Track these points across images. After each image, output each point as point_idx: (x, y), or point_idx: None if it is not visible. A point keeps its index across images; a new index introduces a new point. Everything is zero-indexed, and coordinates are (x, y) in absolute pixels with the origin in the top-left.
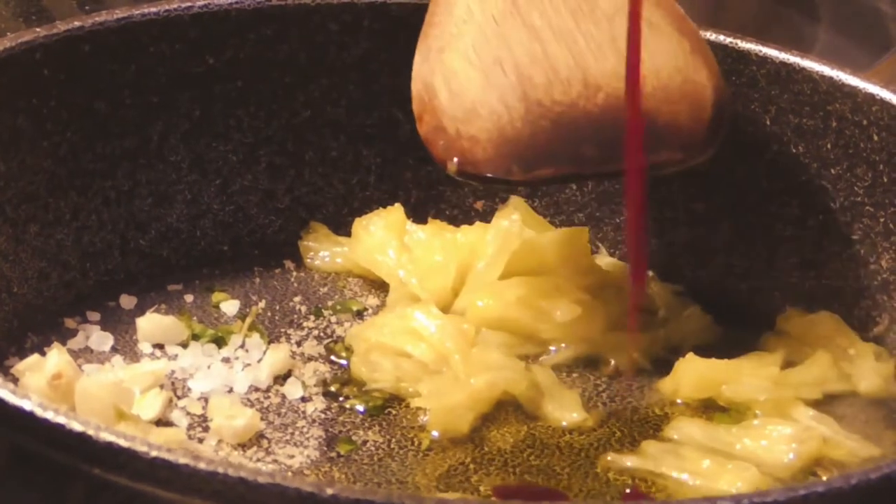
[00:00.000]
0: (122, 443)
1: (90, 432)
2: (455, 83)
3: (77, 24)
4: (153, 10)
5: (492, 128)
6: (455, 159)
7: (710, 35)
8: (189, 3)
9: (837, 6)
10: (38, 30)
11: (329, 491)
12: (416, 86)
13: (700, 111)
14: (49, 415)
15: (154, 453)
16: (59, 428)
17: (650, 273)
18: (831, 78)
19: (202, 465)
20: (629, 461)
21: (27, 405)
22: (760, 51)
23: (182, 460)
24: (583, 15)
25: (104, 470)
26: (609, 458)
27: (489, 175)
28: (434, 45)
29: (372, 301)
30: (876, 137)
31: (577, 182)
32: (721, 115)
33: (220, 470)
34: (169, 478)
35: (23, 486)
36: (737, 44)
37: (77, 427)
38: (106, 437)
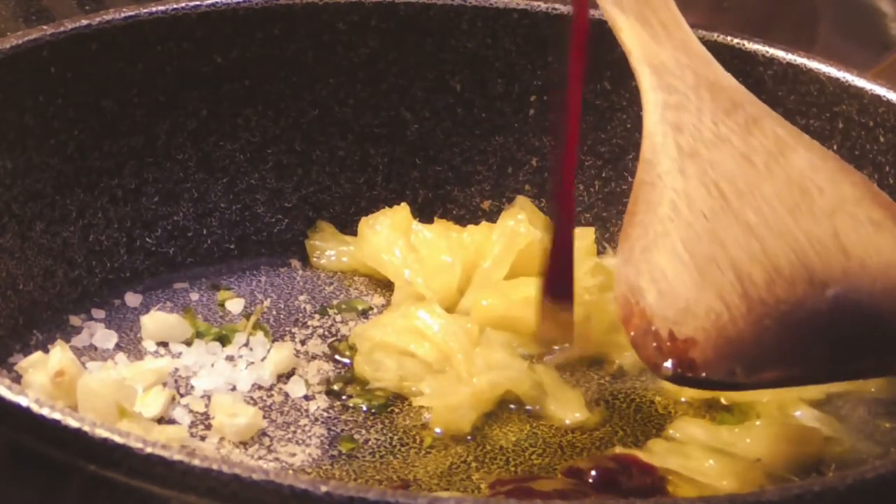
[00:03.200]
0: (118, 439)
1: (86, 429)
2: (664, 283)
3: (84, 22)
4: (160, 8)
5: (710, 328)
6: (670, 363)
7: (716, 35)
8: (197, 2)
9: (837, 6)
10: (45, 28)
11: (323, 488)
12: (620, 288)
13: None
14: (45, 411)
15: (149, 450)
16: (56, 424)
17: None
18: (838, 79)
19: (197, 462)
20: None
21: (24, 401)
22: (767, 51)
23: (177, 457)
24: (801, 213)
25: (100, 466)
26: (617, 451)
27: (709, 378)
28: (637, 245)
29: (377, 300)
30: (882, 139)
31: (805, 384)
32: None
33: (215, 467)
34: (164, 475)
35: (20, 482)
36: (743, 44)
37: (73, 423)
38: (102, 433)
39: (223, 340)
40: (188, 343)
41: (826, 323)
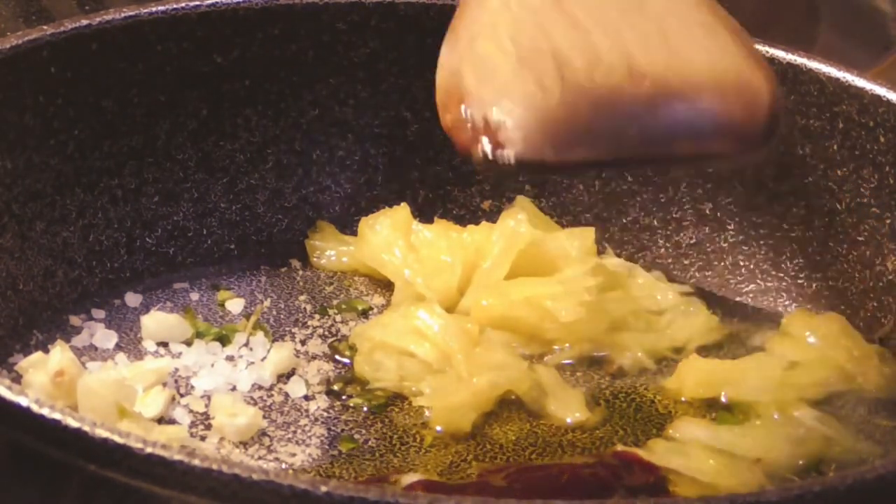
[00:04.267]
0: (118, 439)
1: (86, 429)
2: (484, 69)
3: (84, 22)
4: (160, 8)
5: (524, 111)
6: (481, 146)
7: None
8: (197, 2)
9: (837, 6)
10: (45, 28)
11: (323, 488)
12: (442, 75)
13: (755, 109)
14: (45, 411)
15: (149, 450)
16: (56, 424)
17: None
18: (838, 79)
19: (196, 462)
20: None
21: (24, 401)
22: (767, 51)
23: (177, 457)
24: (630, 13)
25: (100, 466)
26: (618, 449)
27: (518, 159)
28: (464, 35)
29: (377, 300)
30: (882, 139)
31: (614, 171)
32: (776, 118)
33: (215, 467)
34: (164, 475)
35: (19, 482)
36: None
37: (73, 423)
38: (101, 433)
39: (223, 340)
40: (188, 343)
41: (642, 109)
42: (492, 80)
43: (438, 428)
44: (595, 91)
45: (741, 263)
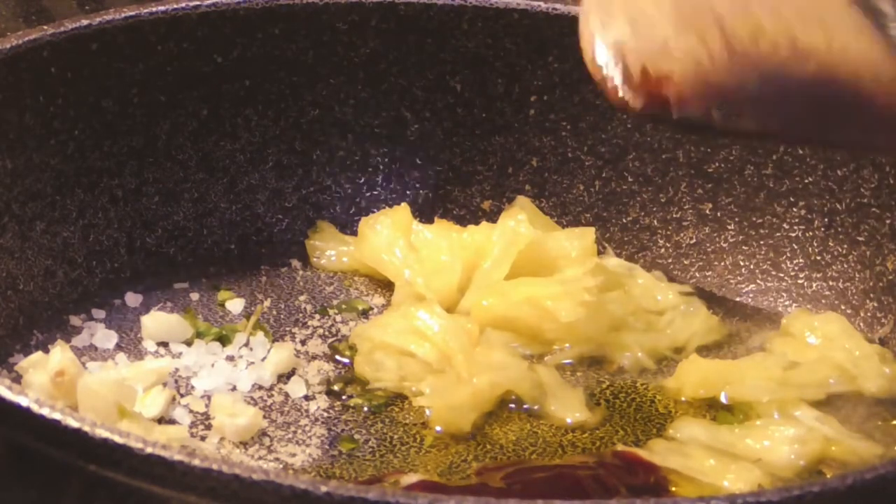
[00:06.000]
0: (118, 439)
1: (86, 429)
2: (643, 20)
3: (84, 22)
4: (161, 8)
5: (689, 68)
6: (640, 99)
7: None
8: (197, 2)
9: None
10: (45, 28)
11: (323, 488)
12: (590, 23)
13: None
14: (45, 411)
15: (149, 450)
16: (56, 424)
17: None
18: None
19: (196, 462)
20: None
21: (24, 401)
22: None
23: (177, 457)
24: None
25: (100, 466)
26: (618, 449)
27: (683, 116)
28: None
29: (377, 300)
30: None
31: (783, 141)
32: None
33: (215, 467)
34: (164, 475)
35: (20, 482)
36: None
37: (73, 423)
38: (101, 433)
39: (223, 340)
40: (188, 343)
41: (808, 89)
42: (651, 33)
43: (438, 428)
44: (762, 63)
45: (741, 263)
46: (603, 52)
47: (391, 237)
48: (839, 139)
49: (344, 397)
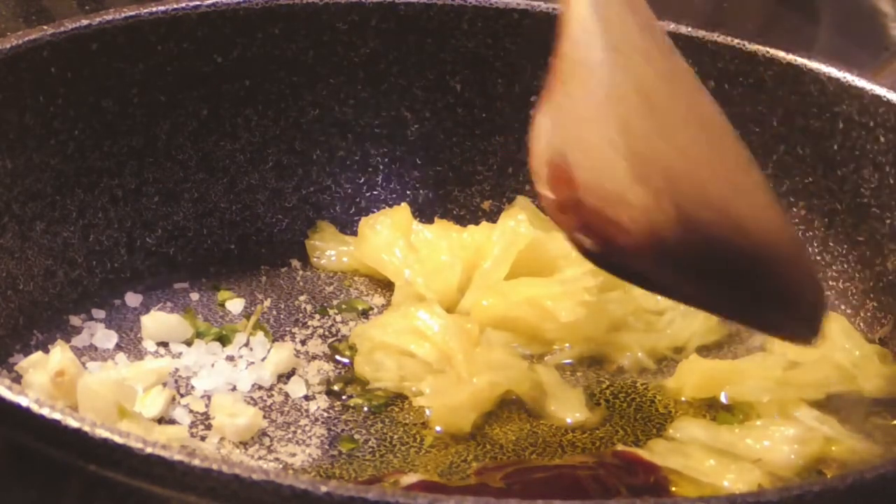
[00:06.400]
0: (118, 439)
1: (86, 429)
2: (598, 163)
3: (84, 22)
4: (161, 8)
5: (643, 222)
6: (592, 241)
7: (717, 36)
8: (197, 2)
9: (837, 6)
10: (45, 28)
11: (323, 488)
12: (545, 151)
13: (818, 299)
14: (45, 411)
15: (149, 450)
16: (56, 424)
17: None
18: (838, 79)
19: (197, 462)
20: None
21: (24, 401)
22: (767, 52)
23: (177, 457)
24: (716, 151)
25: (100, 466)
26: (618, 448)
27: (631, 267)
28: (571, 116)
29: (377, 300)
30: (882, 139)
31: (703, 308)
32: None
33: (215, 467)
34: (164, 475)
35: (19, 482)
36: (744, 45)
37: (73, 423)
38: (101, 433)
39: (223, 340)
40: (188, 343)
41: (740, 264)
42: (609, 181)
43: (438, 428)
44: (708, 229)
45: None
46: (562, 188)
47: (391, 237)
48: (755, 318)
49: (344, 397)
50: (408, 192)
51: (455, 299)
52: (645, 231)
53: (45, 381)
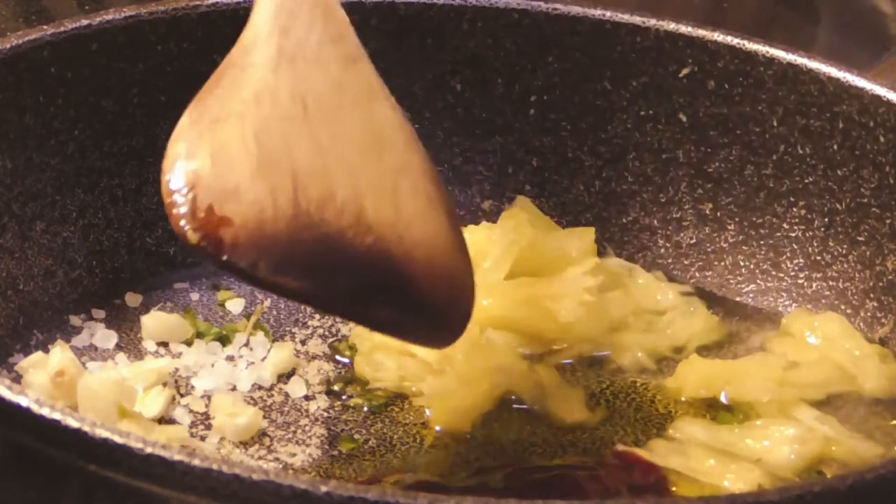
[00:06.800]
0: (118, 439)
1: (86, 429)
2: (223, 159)
3: (84, 22)
4: (161, 8)
5: (251, 217)
6: (198, 234)
7: (717, 36)
8: (197, 2)
9: (837, 6)
10: (45, 28)
11: (323, 488)
12: (177, 147)
13: (460, 303)
14: (45, 411)
15: (149, 450)
16: (56, 424)
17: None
18: (838, 79)
19: (196, 462)
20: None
21: (24, 401)
22: (767, 51)
23: (177, 457)
24: (370, 157)
25: (100, 466)
26: (619, 448)
27: (230, 262)
28: (210, 114)
29: None
30: (882, 139)
31: (322, 309)
32: (469, 316)
33: (215, 467)
34: (164, 475)
35: (19, 482)
36: (744, 44)
37: (73, 423)
38: (102, 433)
39: (223, 340)
40: (188, 343)
41: (359, 262)
42: (227, 175)
43: (438, 428)
44: (322, 227)
45: (741, 263)
46: (179, 179)
47: None
48: (379, 321)
49: (344, 397)
50: None
51: None
52: (251, 224)
53: (45, 381)
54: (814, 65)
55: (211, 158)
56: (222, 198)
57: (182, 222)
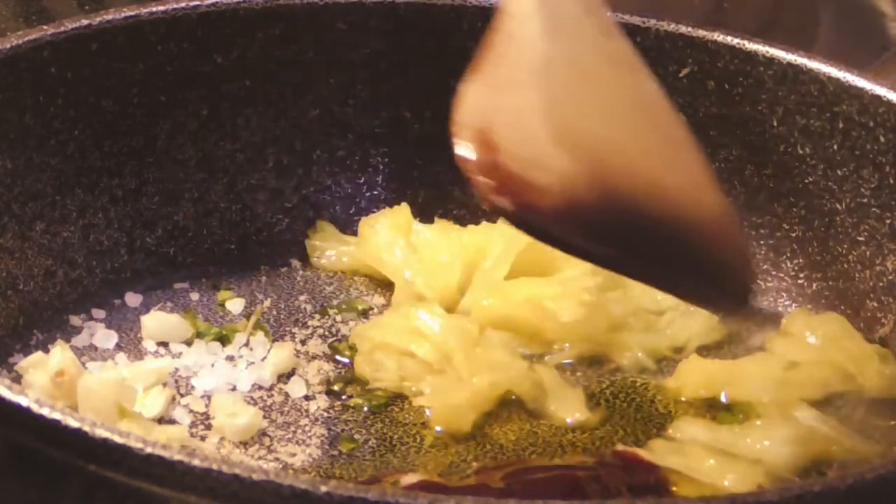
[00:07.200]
0: (118, 439)
1: (86, 429)
2: (520, 128)
3: (85, 22)
4: (161, 8)
5: (560, 185)
6: (510, 201)
7: (717, 36)
8: (197, 2)
9: (837, 6)
10: (45, 28)
11: (323, 488)
12: (470, 114)
13: (746, 259)
14: (45, 411)
15: (149, 450)
16: (56, 424)
17: None
18: (838, 79)
19: (197, 462)
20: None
21: (24, 401)
22: (767, 51)
23: (177, 457)
24: (650, 127)
25: (100, 466)
26: (619, 448)
27: (548, 230)
28: (496, 82)
29: (377, 300)
30: (882, 139)
31: (631, 275)
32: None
33: (215, 467)
34: (164, 475)
35: (20, 482)
36: (744, 44)
37: (73, 423)
38: (102, 433)
39: (223, 340)
40: (188, 343)
41: (662, 228)
42: (531, 145)
43: (438, 428)
44: (623, 194)
45: None
46: (481, 148)
47: (391, 237)
48: (677, 283)
49: (344, 397)
50: (408, 192)
51: (455, 299)
52: (561, 194)
53: (45, 381)
54: (814, 65)
55: (513, 129)
56: (528, 166)
57: (491, 192)
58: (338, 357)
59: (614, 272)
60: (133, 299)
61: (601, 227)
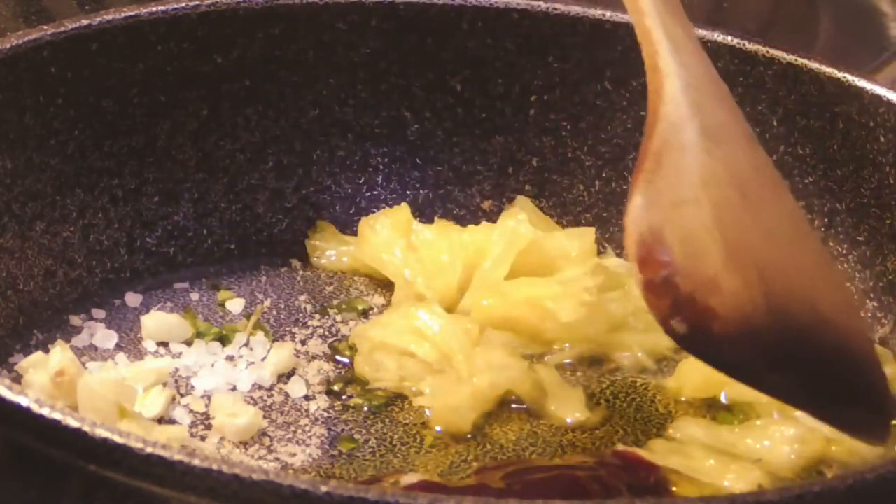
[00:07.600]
0: (118, 439)
1: (86, 429)
2: (692, 247)
3: (85, 22)
4: (161, 8)
5: (734, 308)
6: (683, 323)
7: (716, 35)
8: (197, 2)
9: (837, 6)
10: (45, 28)
11: (323, 488)
12: (639, 227)
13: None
14: (45, 411)
15: (149, 450)
16: (56, 424)
17: None
18: (838, 79)
19: (197, 462)
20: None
21: (24, 401)
22: (767, 52)
23: (177, 457)
24: (800, 246)
25: (100, 466)
26: (619, 448)
27: (721, 354)
28: (665, 198)
29: (377, 300)
30: (882, 139)
31: (799, 407)
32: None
33: (215, 467)
34: (164, 474)
35: (20, 482)
36: (744, 45)
37: (73, 423)
38: (102, 433)
39: (223, 340)
40: (188, 343)
41: (826, 357)
42: (701, 264)
43: (438, 428)
44: (791, 322)
45: None
46: (657, 266)
47: (391, 237)
48: (838, 414)
49: (344, 397)
50: (408, 192)
51: (455, 299)
52: (735, 317)
53: (45, 381)
54: (814, 65)
55: (683, 247)
56: (703, 288)
57: (664, 313)
58: (338, 357)
59: (782, 401)
60: (133, 299)
61: (776, 351)
